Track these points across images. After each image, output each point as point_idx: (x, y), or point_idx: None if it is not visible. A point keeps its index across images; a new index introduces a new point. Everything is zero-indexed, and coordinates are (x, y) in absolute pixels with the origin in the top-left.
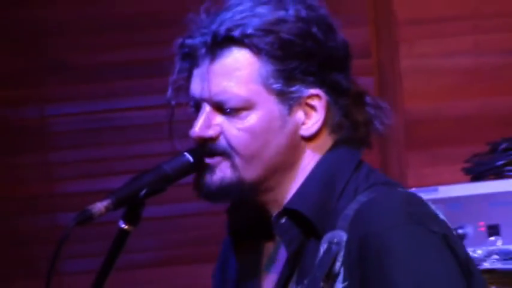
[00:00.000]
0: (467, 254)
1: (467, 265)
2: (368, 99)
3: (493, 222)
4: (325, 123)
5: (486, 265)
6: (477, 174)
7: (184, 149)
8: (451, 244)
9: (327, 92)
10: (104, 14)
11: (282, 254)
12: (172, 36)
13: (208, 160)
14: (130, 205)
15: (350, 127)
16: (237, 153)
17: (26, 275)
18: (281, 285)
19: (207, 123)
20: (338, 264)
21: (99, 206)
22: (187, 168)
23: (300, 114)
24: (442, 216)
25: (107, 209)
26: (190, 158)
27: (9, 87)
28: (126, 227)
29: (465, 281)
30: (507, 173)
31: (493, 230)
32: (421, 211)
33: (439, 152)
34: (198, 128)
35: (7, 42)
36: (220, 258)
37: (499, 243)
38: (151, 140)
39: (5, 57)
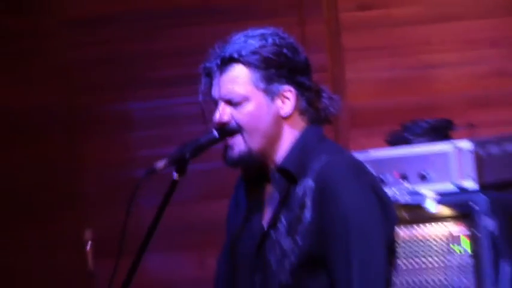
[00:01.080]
0: (385, 194)
1: (385, 202)
2: (324, 94)
3: (403, 172)
4: (296, 108)
5: (400, 200)
6: (393, 143)
7: (213, 129)
8: (376, 190)
9: (295, 88)
10: None
11: (276, 196)
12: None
13: (228, 140)
14: (179, 163)
15: (313, 112)
16: (243, 129)
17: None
18: (275, 215)
19: (222, 113)
20: (308, 200)
21: (160, 164)
22: (214, 141)
23: (279, 102)
24: (371, 170)
25: (165, 165)
26: (216, 135)
27: None
28: (177, 177)
29: (382, 211)
30: (412, 143)
31: (404, 177)
32: (359, 168)
33: (370, 130)
34: (218, 117)
35: None
36: (233, 199)
37: (407, 186)
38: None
39: None
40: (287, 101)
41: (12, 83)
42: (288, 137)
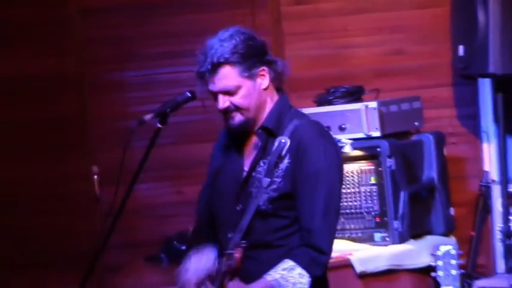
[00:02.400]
0: (339, 146)
1: (339, 152)
2: (278, 62)
3: (327, 125)
4: (270, 81)
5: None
6: (320, 103)
7: (187, 91)
8: (334, 143)
9: (266, 65)
10: None
11: (258, 146)
12: None
13: (232, 115)
14: (161, 116)
15: (278, 78)
16: (240, 108)
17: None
18: (256, 160)
19: (223, 101)
20: (284, 151)
21: (148, 117)
22: (187, 100)
23: (259, 80)
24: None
25: (151, 118)
26: (189, 95)
27: None
28: (160, 126)
29: (339, 158)
30: (333, 103)
31: (328, 129)
32: (322, 128)
33: (303, 94)
34: (221, 105)
35: None
36: (218, 144)
37: (345, 136)
38: None
39: None
40: (264, 77)
41: (34, 56)
42: (269, 104)
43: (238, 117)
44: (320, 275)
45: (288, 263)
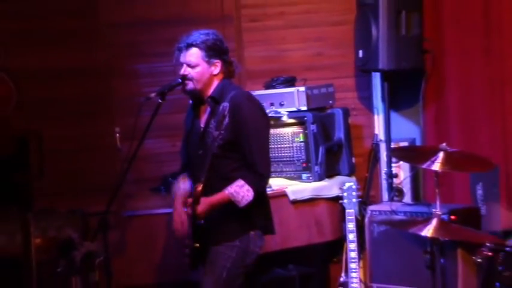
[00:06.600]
0: (265, 109)
1: (265, 112)
2: (234, 63)
3: (272, 101)
4: (220, 71)
5: (273, 115)
6: (267, 87)
7: (178, 78)
8: (260, 106)
9: (221, 61)
10: None
11: (208, 111)
12: None
13: (186, 82)
14: (161, 94)
15: (228, 72)
16: (193, 79)
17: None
18: (208, 120)
19: (185, 70)
20: (226, 112)
21: (152, 95)
22: (178, 84)
23: (212, 68)
24: (256, 98)
25: (155, 95)
26: (180, 80)
27: None
28: (160, 101)
29: (265, 117)
30: (276, 87)
31: (272, 104)
32: (251, 96)
33: (256, 81)
34: (183, 71)
35: None
36: (187, 113)
37: (274, 108)
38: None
39: None
40: (216, 68)
41: (74, 53)
42: (215, 83)
43: (190, 85)
44: (261, 191)
45: (240, 182)
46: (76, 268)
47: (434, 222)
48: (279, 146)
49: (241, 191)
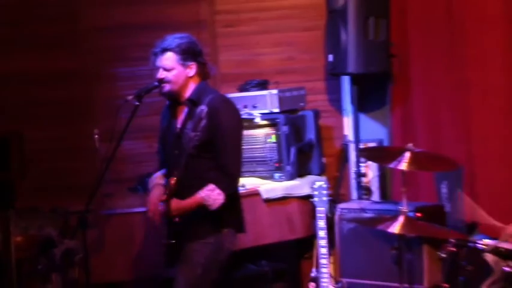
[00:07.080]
0: (239, 112)
1: (240, 115)
2: (208, 65)
3: (245, 104)
4: (196, 73)
5: (247, 117)
6: (241, 90)
7: (155, 82)
8: (236, 109)
9: (196, 63)
10: None
11: (185, 112)
12: None
13: (163, 85)
14: (138, 97)
15: (203, 74)
16: (170, 82)
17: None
18: (185, 121)
19: (161, 74)
20: (203, 115)
21: (129, 97)
22: (155, 87)
23: (188, 70)
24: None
25: (132, 98)
26: (156, 83)
27: None
28: (137, 103)
29: (240, 120)
30: (250, 90)
31: (245, 107)
32: (228, 100)
33: (230, 84)
34: (159, 75)
35: None
36: (163, 114)
37: (248, 111)
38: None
39: None
40: (192, 70)
41: (55, 57)
42: (191, 86)
43: (167, 87)
44: (232, 192)
45: (211, 186)
46: (56, 265)
47: (401, 219)
48: (252, 146)
49: (212, 194)
